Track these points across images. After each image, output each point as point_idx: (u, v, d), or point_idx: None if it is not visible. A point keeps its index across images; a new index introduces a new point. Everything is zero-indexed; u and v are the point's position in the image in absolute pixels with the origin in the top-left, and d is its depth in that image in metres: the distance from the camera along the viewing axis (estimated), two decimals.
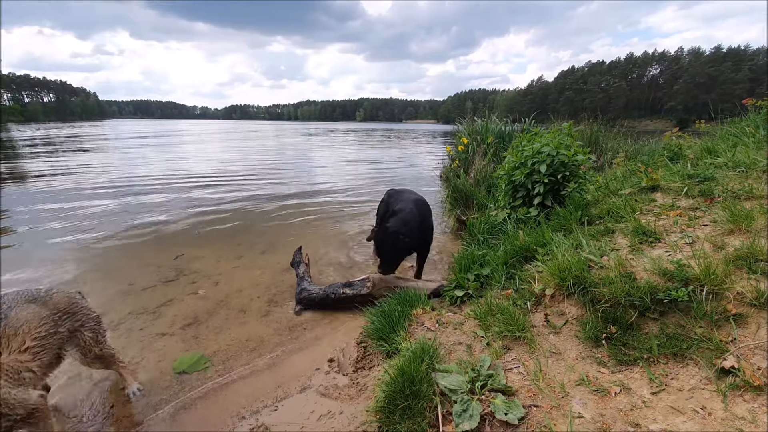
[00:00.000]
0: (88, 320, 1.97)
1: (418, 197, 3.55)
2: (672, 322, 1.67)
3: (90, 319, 1.98)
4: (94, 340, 1.96)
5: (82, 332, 1.93)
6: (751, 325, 1.50)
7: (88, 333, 1.94)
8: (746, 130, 3.49)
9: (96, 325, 2.01)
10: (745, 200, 2.26)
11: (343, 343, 2.65)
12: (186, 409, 2.11)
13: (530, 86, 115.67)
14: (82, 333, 1.92)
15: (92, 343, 1.95)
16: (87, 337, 1.93)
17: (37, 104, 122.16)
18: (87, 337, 1.93)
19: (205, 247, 4.70)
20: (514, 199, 3.90)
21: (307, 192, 8.34)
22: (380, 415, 1.62)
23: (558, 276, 2.10)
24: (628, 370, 1.60)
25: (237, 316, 3.10)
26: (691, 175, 2.78)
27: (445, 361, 1.90)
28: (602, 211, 2.81)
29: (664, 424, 1.30)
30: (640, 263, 1.96)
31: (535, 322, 2.06)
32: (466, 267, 2.99)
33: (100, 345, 2.00)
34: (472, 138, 7.72)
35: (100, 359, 2.03)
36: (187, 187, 8.50)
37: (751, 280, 1.62)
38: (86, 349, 1.94)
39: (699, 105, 68.42)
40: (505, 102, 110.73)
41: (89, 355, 1.96)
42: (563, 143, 3.61)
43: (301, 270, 3.48)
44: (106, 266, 4.10)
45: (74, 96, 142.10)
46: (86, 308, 2.00)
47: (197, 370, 2.44)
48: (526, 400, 1.55)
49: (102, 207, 6.57)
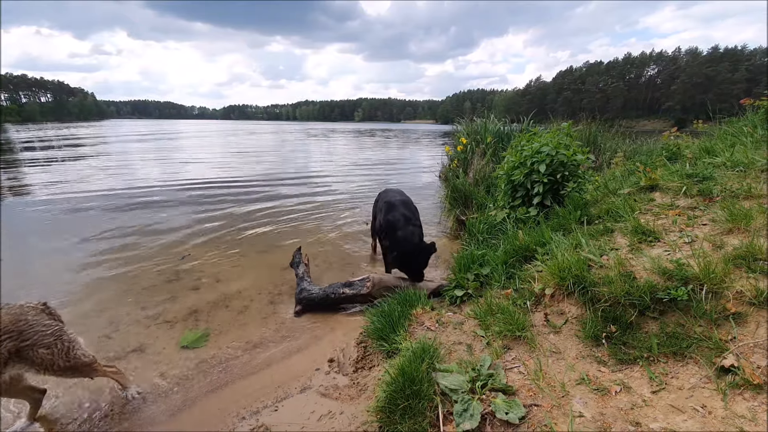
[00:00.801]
0: (42, 337, 1.81)
1: (405, 198, 3.70)
2: (672, 321, 1.67)
3: (46, 335, 1.83)
4: (54, 355, 1.83)
5: (34, 350, 1.78)
6: (751, 323, 1.51)
7: (42, 350, 1.80)
8: (744, 129, 3.51)
9: (55, 340, 1.86)
10: (743, 199, 2.27)
11: (343, 343, 2.64)
12: (186, 409, 2.11)
13: (528, 86, 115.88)
14: (34, 351, 1.78)
15: (52, 358, 1.82)
16: (42, 355, 1.79)
17: (34, 104, 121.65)
18: (42, 355, 1.79)
19: (205, 247, 4.70)
20: (513, 198, 3.90)
21: (307, 192, 8.34)
22: (381, 415, 1.62)
23: (558, 275, 2.11)
24: (629, 369, 1.61)
25: (237, 317, 3.10)
26: (690, 174, 2.78)
27: (446, 360, 1.90)
28: (601, 211, 2.82)
29: (665, 422, 1.30)
30: (640, 262, 1.97)
31: (535, 322, 2.06)
32: (466, 267, 2.99)
33: (65, 357, 1.87)
34: (471, 138, 7.73)
35: (71, 370, 1.92)
36: (187, 188, 8.49)
37: (751, 279, 1.63)
38: (46, 366, 1.82)
39: (697, 105, 68.66)
40: (503, 102, 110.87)
41: (53, 369, 1.85)
42: (562, 143, 3.62)
43: (301, 270, 3.47)
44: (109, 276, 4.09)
45: (72, 96, 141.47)
46: (40, 324, 1.84)
47: (199, 346, 2.69)
48: (527, 400, 1.55)
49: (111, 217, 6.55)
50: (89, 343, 2.69)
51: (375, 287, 3.12)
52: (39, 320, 1.85)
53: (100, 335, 2.82)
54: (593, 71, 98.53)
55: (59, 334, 1.91)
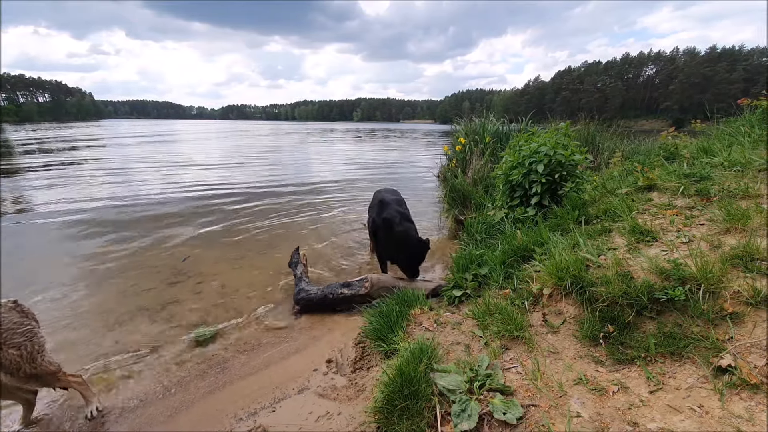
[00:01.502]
0: (12, 336, 1.73)
1: (398, 197, 3.86)
2: (669, 320, 1.68)
3: (17, 334, 1.75)
4: (21, 357, 1.74)
5: (5, 350, 1.69)
6: (748, 323, 1.51)
7: (12, 351, 1.71)
8: (742, 129, 3.52)
9: (26, 340, 1.77)
10: (741, 199, 2.27)
11: (341, 344, 2.64)
12: (184, 410, 2.10)
13: (527, 86, 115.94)
14: (3, 351, 1.69)
15: (20, 361, 1.73)
16: (11, 355, 1.70)
17: (32, 104, 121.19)
18: (11, 355, 1.70)
19: (204, 248, 4.69)
20: (511, 198, 3.90)
21: (308, 191, 8.33)
22: (379, 415, 1.62)
23: (555, 275, 2.11)
24: (626, 369, 1.61)
25: (234, 317, 3.09)
26: (688, 174, 2.79)
27: (444, 361, 1.89)
28: (599, 211, 2.82)
29: (662, 422, 1.30)
30: (637, 262, 1.97)
31: (533, 322, 2.06)
32: (464, 267, 2.99)
33: (32, 362, 1.78)
34: (470, 138, 7.72)
35: (35, 378, 1.82)
36: (187, 189, 8.47)
37: (748, 279, 1.63)
38: (12, 368, 1.72)
39: (694, 105, 68.78)
40: (502, 102, 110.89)
41: (18, 375, 1.75)
42: (560, 143, 3.62)
43: (299, 271, 3.47)
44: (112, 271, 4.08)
45: (70, 96, 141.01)
46: (12, 322, 1.76)
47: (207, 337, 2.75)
48: (525, 400, 1.55)
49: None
50: (82, 341, 2.70)
51: (373, 287, 3.12)
52: (9, 318, 1.77)
53: (94, 335, 2.81)
54: (591, 71, 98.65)
55: (32, 335, 1.81)
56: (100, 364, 2.49)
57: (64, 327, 2.92)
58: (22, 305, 1.88)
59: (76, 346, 2.69)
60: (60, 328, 2.90)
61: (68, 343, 2.72)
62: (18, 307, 1.85)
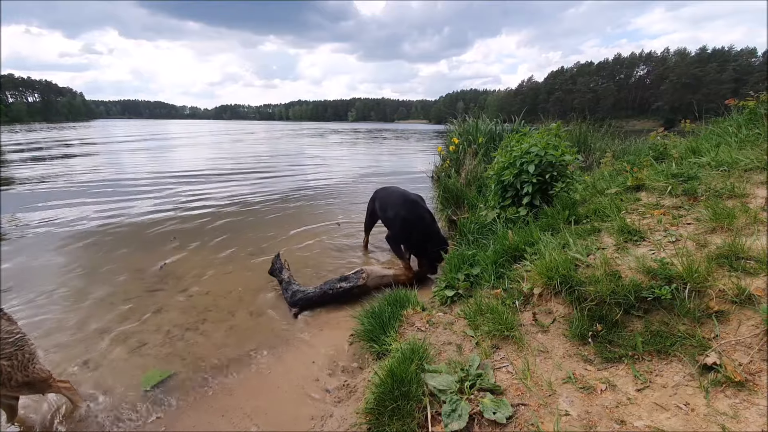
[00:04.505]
0: (3, 346, 1.71)
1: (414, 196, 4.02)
2: (656, 319, 1.69)
3: (8, 344, 1.73)
4: (13, 367, 1.73)
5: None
6: (733, 321, 1.53)
7: (3, 362, 1.69)
8: (729, 129, 3.57)
9: (16, 350, 1.75)
10: (727, 199, 2.31)
11: (334, 346, 2.64)
12: (177, 412, 2.09)
13: (521, 87, 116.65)
14: None
15: (11, 371, 1.72)
16: (3, 366, 1.69)
17: (21, 105, 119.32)
18: (3, 366, 1.69)
19: (193, 248, 4.65)
20: (503, 198, 3.92)
21: (308, 194, 8.30)
22: (370, 416, 1.62)
23: (546, 275, 2.12)
24: (614, 367, 1.62)
25: (226, 319, 3.07)
26: (676, 174, 2.82)
27: (435, 361, 1.90)
28: (589, 211, 2.84)
29: (649, 420, 1.31)
30: (625, 262, 1.99)
31: (524, 321, 2.07)
32: (457, 267, 3.00)
33: (25, 371, 1.76)
34: (464, 138, 7.76)
35: (27, 386, 1.81)
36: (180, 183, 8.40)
37: (733, 278, 1.65)
38: (4, 379, 1.71)
39: (685, 105, 69.59)
40: (496, 102, 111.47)
41: (11, 384, 1.74)
42: (551, 143, 3.65)
43: (286, 275, 3.45)
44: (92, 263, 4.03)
45: (60, 96, 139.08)
46: (4, 332, 1.74)
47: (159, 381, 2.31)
48: (515, 399, 1.56)
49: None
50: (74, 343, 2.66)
51: (369, 278, 3.31)
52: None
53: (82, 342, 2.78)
54: (584, 72, 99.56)
55: (21, 344, 1.78)
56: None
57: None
58: (7, 313, 1.83)
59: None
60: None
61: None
62: (5, 315, 1.80)
